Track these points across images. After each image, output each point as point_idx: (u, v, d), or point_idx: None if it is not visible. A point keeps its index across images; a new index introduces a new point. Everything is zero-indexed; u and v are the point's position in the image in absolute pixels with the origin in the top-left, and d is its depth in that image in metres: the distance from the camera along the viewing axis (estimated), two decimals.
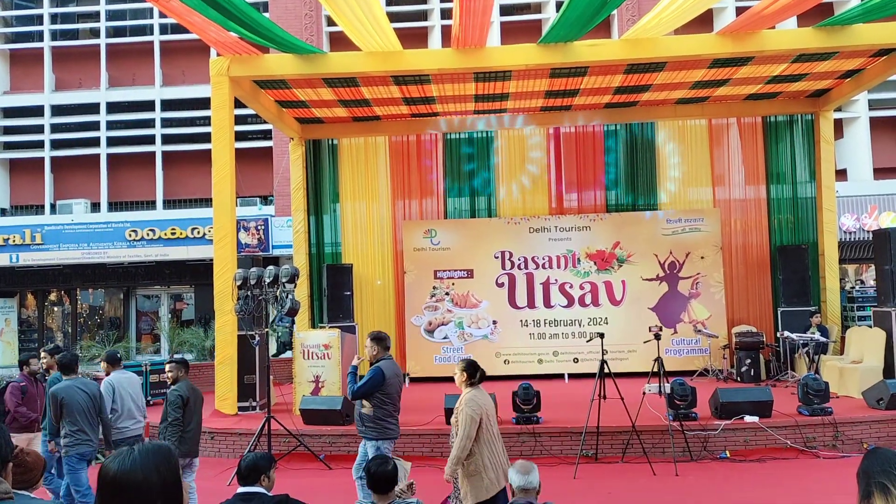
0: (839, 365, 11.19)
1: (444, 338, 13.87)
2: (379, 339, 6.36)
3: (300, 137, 14.17)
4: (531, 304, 13.87)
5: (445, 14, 17.62)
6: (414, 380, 13.61)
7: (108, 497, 2.01)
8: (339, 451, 9.05)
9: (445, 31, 17.39)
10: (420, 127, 14.29)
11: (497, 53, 10.87)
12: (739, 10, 16.61)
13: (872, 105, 17.16)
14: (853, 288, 15.97)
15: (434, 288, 13.98)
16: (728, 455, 8.52)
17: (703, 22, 16.17)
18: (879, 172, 17.06)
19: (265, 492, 3.99)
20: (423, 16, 18.22)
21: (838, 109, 15.51)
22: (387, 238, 14.54)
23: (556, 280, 13.87)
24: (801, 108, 13.75)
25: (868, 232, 15.22)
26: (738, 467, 8.16)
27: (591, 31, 10.01)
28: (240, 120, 17.18)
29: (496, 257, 13.98)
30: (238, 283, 9.06)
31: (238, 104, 11.52)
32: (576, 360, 13.51)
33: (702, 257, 13.69)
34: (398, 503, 3.92)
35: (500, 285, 13.95)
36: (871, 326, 11.64)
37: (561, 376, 13.45)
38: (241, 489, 4.01)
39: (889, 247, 11.20)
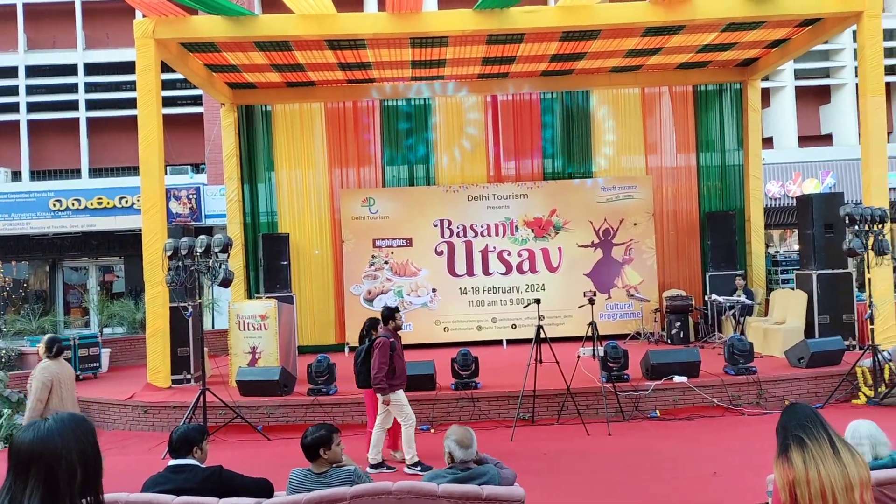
0: (763, 326, 11.66)
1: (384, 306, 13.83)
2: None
3: (232, 103, 13.77)
4: (470, 271, 13.96)
5: None
6: (354, 349, 13.54)
7: (23, 468, 1.94)
8: (277, 421, 8.99)
9: None
10: (356, 93, 14.07)
11: (433, 18, 10.75)
12: None
13: (798, 74, 17.71)
14: (777, 252, 16.62)
15: (373, 257, 13.91)
16: (658, 414, 8.83)
17: None
18: (804, 140, 17.69)
19: (198, 464, 3.95)
20: None
21: (765, 79, 15.94)
22: (324, 207, 14.34)
23: (494, 248, 13.98)
24: (730, 77, 14.09)
25: (792, 198, 15.80)
26: (668, 425, 8.47)
27: None
28: (168, 85, 16.59)
29: (435, 225, 13.98)
30: (168, 253, 8.80)
31: (166, 68, 11.10)
32: (514, 326, 13.70)
33: (634, 224, 14.01)
34: (334, 471, 3.92)
35: (440, 253, 13.98)
36: (793, 289, 12.16)
37: (499, 342, 13.64)
38: (172, 462, 3.95)
39: (811, 212, 11.66)
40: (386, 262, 13.92)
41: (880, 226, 9.22)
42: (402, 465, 7.04)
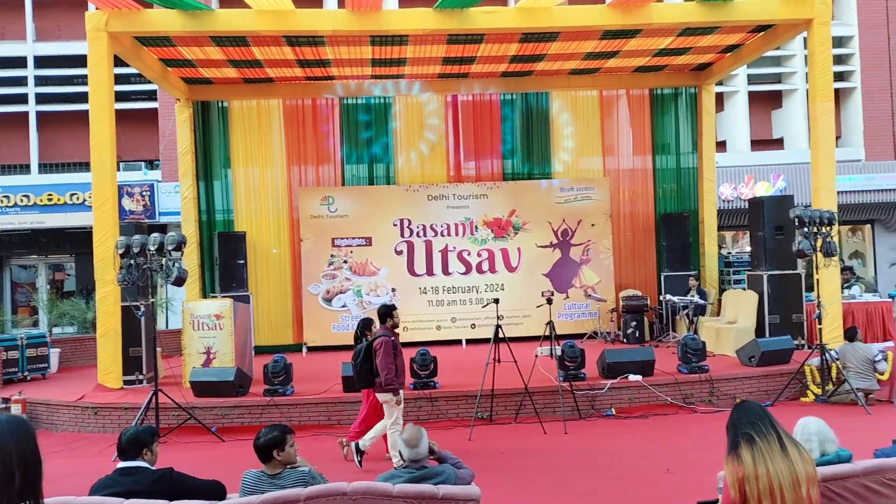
0: (716, 326, 11.91)
1: (343, 306, 13.77)
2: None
3: (187, 98, 13.51)
4: (430, 271, 13.95)
5: None
6: (312, 349, 13.47)
7: None
8: (232, 423, 8.85)
9: None
10: (315, 91, 13.94)
11: (393, 17, 10.73)
12: None
13: (751, 80, 18.12)
14: (730, 253, 16.99)
15: (332, 256, 13.81)
16: (614, 412, 8.94)
17: None
18: (756, 144, 18.10)
19: (148, 466, 3.86)
20: None
21: (719, 83, 16.28)
22: (282, 205, 14.17)
23: (454, 247, 14.00)
24: (686, 81, 14.35)
25: (744, 200, 16.15)
26: (623, 423, 8.58)
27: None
28: (122, 79, 16.24)
29: (395, 225, 13.94)
30: (120, 251, 8.61)
31: (120, 62, 10.84)
32: (473, 326, 13.74)
33: (592, 225, 14.17)
34: (288, 472, 3.87)
35: (399, 253, 13.94)
36: (745, 289, 12.43)
37: (459, 342, 13.66)
38: (121, 464, 3.86)
39: (762, 215, 11.95)
40: (345, 262, 13.83)
41: (828, 228, 9.47)
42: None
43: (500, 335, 8.47)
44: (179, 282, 8.40)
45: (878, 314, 11.88)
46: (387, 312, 7.19)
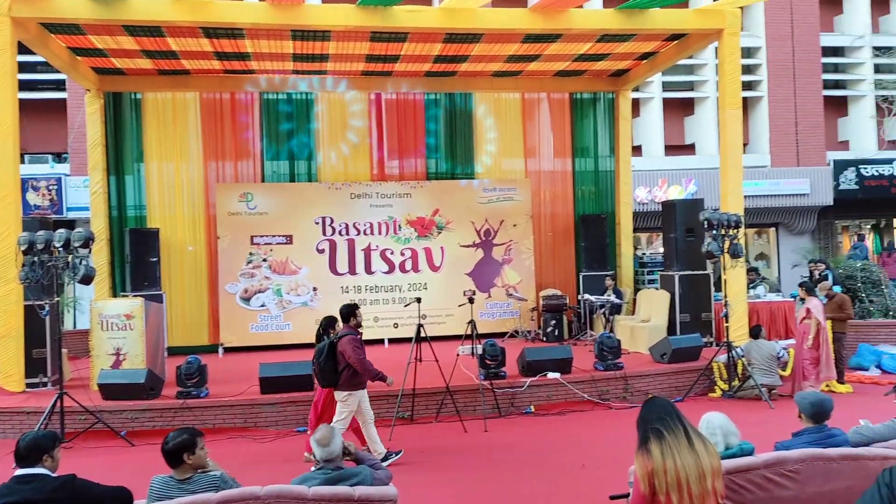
0: (630, 324, 12.28)
1: (262, 305, 13.48)
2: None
3: (98, 89, 12.93)
4: (352, 270, 13.83)
5: None
6: (229, 350, 13.13)
7: None
8: (142, 426, 8.53)
9: None
10: (235, 84, 13.59)
11: (315, 12, 10.54)
12: None
13: (665, 87, 18.76)
14: (644, 254, 17.55)
15: (251, 254, 13.49)
16: (533, 409, 9.08)
17: None
18: (669, 149, 18.75)
19: (48, 473, 3.67)
20: None
21: (636, 89, 16.79)
22: (198, 201, 13.73)
23: (377, 246, 13.92)
24: (604, 86, 14.74)
25: (658, 203, 16.71)
26: (542, 420, 8.74)
27: None
28: (28, 67, 15.47)
29: (317, 223, 13.75)
30: (23, 247, 8.16)
31: (25, 49, 10.27)
32: (396, 326, 13.70)
33: (514, 225, 14.37)
34: (199, 477, 3.75)
35: (321, 251, 13.76)
36: (658, 289, 12.86)
37: (381, 341, 13.59)
38: (20, 471, 3.65)
39: (675, 217, 12.39)
40: (265, 260, 13.54)
41: (735, 231, 9.92)
42: None
43: (423, 334, 8.47)
44: (87, 280, 8.03)
45: (780, 313, 12.55)
46: (350, 311, 7.17)
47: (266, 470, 6.85)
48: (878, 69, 19.41)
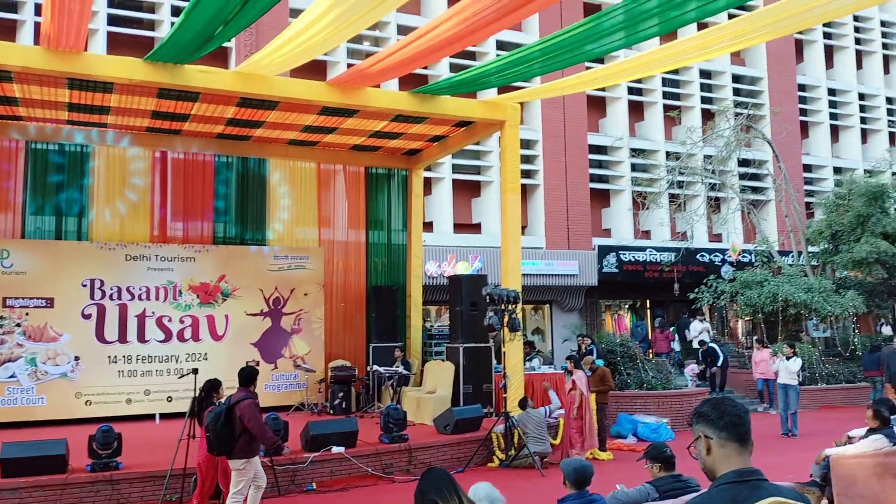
0: (417, 395, 12.45)
1: (11, 376, 11.89)
2: None
3: None
4: (123, 338, 12.70)
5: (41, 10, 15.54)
6: None
7: None
8: None
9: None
10: None
11: (97, 61, 9.85)
12: (350, 67, 17.88)
13: (455, 169, 19.85)
14: (433, 326, 18.03)
15: (2, 318, 11.94)
16: (315, 487, 8.78)
17: (318, 71, 17.06)
18: (458, 227, 19.73)
19: None
20: (14, 7, 15.83)
21: (428, 169, 17.59)
22: None
23: (153, 313, 12.96)
24: (398, 163, 15.27)
25: (446, 278, 17.38)
26: (323, 498, 8.46)
27: (207, 58, 9.74)
28: None
29: (84, 285, 12.54)
30: None
31: None
32: (170, 399, 12.71)
33: (305, 294, 14.14)
34: None
35: (87, 317, 12.52)
36: (444, 360, 13.24)
37: (152, 416, 12.52)
38: None
39: (461, 291, 12.95)
40: (18, 325, 12.02)
41: (514, 306, 10.56)
42: None
43: (197, 408, 7.91)
44: None
45: (553, 384, 13.39)
46: (252, 374, 6.93)
47: None
48: (633, 168, 22.10)
